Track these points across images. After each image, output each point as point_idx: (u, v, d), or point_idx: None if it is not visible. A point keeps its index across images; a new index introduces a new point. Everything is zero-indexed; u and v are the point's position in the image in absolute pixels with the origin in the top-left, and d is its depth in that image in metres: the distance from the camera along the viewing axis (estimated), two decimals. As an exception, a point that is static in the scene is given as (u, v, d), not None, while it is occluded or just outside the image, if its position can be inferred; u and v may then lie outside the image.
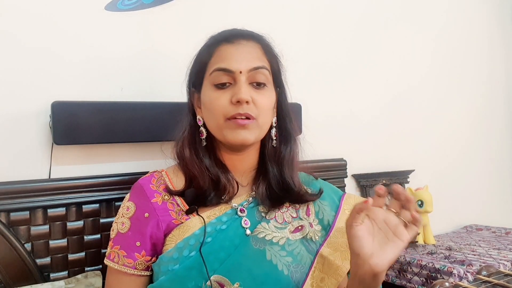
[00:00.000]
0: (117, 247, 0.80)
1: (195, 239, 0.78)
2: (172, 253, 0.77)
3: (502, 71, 2.24)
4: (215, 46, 0.83)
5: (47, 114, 1.00)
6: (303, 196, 0.87)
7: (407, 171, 1.69)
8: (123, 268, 0.79)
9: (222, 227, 0.80)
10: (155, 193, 0.82)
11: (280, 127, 0.88)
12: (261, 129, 0.82)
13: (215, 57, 0.82)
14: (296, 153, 0.88)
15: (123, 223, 0.81)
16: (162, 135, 1.10)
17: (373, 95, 1.70)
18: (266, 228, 0.82)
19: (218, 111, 0.79)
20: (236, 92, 0.78)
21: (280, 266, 0.78)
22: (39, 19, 1.02)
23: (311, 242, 0.85)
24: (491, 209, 2.09)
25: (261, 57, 0.83)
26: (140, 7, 1.16)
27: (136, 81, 1.15)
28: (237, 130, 0.78)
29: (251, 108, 0.79)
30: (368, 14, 1.70)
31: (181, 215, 0.81)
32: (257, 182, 0.86)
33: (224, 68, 0.79)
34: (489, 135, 2.15)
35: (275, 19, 1.43)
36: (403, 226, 0.69)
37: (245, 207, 0.84)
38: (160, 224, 0.79)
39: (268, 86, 0.83)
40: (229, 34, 0.84)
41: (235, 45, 0.81)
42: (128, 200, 0.83)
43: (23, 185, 0.94)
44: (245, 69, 0.79)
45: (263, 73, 0.81)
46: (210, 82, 0.81)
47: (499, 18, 2.23)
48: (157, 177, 0.85)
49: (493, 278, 0.65)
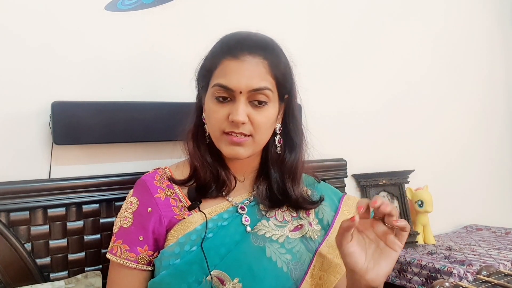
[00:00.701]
0: (120, 241, 0.81)
1: (196, 234, 0.78)
2: (173, 247, 0.78)
3: (502, 71, 2.24)
4: (221, 57, 0.80)
5: (47, 114, 1.00)
6: (301, 204, 0.87)
7: (407, 171, 1.69)
8: (125, 262, 0.79)
9: (223, 224, 0.81)
10: (158, 188, 0.83)
11: (287, 135, 0.87)
12: (257, 145, 0.82)
13: (219, 69, 0.79)
14: (300, 161, 0.87)
15: (126, 218, 0.82)
16: (162, 135, 1.10)
17: (373, 95, 1.70)
18: (266, 226, 0.83)
19: (216, 124, 0.80)
20: (233, 112, 0.77)
21: (279, 263, 0.80)
22: (40, 19, 1.02)
23: (310, 240, 0.86)
24: (491, 209, 2.09)
25: (265, 76, 0.79)
26: (140, 7, 1.16)
27: (136, 81, 1.15)
28: (231, 146, 0.79)
29: (247, 127, 0.78)
30: (368, 14, 1.69)
31: (183, 211, 0.82)
32: (258, 182, 0.87)
33: (224, 85, 0.78)
34: (489, 135, 2.15)
35: (275, 18, 1.43)
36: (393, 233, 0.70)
37: (246, 205, 0.85)
38: (163, 219, 0.81)
39: (269, 104, 0.80)
40: (235, 45, 0.79)
41: (239, 62, 0.78)
42: (132, 196, 0.84)
43: (23, 185, 0.94)
44: (245, 90, 0.77)
45: (265, 94, 0.79)
46: (212, 93, 0.80)
47: (499, 17, 2.23)
48: (160, 174, 0.86)
49: (493, 278, 0.65)
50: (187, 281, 0.75)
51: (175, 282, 0.76)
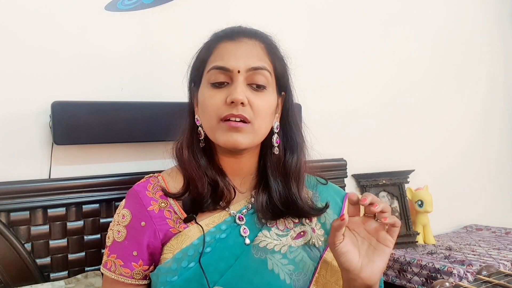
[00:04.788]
0: (114, 256, 0.77)
1: (193, 249, 0.75)
2: (170, 264, 0.74)
3: (502, 71, 2.24)
4: (216, 42, 0.79)
5: (47, 114, 1.00)
6: (307, 213, 0.81)
7: (407, 171, 1.69)
8: (120, 278, 0.76)
9: (221, 236, 0.77)
10: (151, 200, 0.79)
11: (285, 135, 0.83)
12: (256, 134, 0.77)
13: (215, 54, 0.78)
14: (303, 163, 0.83)
15: (119, 232, 0.78)
16: (162, 135, 1.10)
17: (373, 95, 1.70)
18: (267, 237, 0.78)
19: (212, 111, 0.75)
20: (232, 92, 0.74)
21: (282, 276, 0.76)
22: (40, 18, 1.02)
23: (313, 248, 0.81)
24: (491, 209, 2.09)
25: (263, 57, 0.78)
26: (140, 7, 1.16)
27: (136, 81, 1.15)
28: (229, 132, 0.74)
29: (247, 110, 0.74)
30: (367, 14, 1.69)
31: (178, 224, 0.77)
32: (257, 192, 0.82)
33: (221, 66, 0.75)
34: (489, 135, 2.15)
35: (275, 19, 1.43)
36: (384, 229, 0.69)
37: (244, 214, 0.80)
38: (157, 233, 0.77)
39: (268, 89, 0.78)
40: (231, 31, 0.80)
41: (236, 43, 0.77)
42: (124, 208, 0.80)
43: (23, 185, 0.94)
44: (243, 68, 0.75)
45: (263, 74, 0.76)
46: (207, 80, 0.77)
47: (499, 16, 2.23)
48: (153, 183, 0.81)
49: (493, 278, 0.65)
50: None
51: None
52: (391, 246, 0.69)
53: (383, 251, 0.69)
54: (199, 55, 0.83)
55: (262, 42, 0.80)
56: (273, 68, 0.80)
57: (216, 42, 0.80)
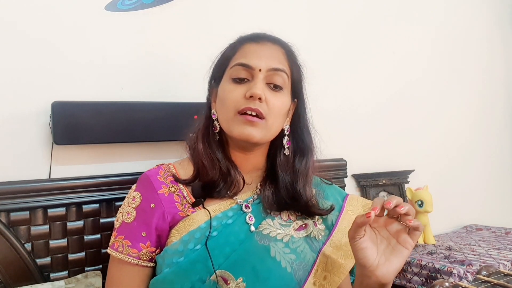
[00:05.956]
0: (122, 237, 0.80)
1: (200, 232, 0.78)
2: (177, 245, 0.77)
3: (502, 70, 2.24)
4: (241, 43, 0.86)
5: (47, 114, 1.00)
6: (311, 208, 0.85)
7: (407, 171, 1.69)
8: (127, 258, 0.78)
9: (228, 222, 0.80)
10: (162, 184, 0.82)
11: (296, 139, 0.88)
12: (269, 130, 0.82)
13: (239, 53, 0.84)
14: (311, 166, 0.88)
15: (129, 213, 0.81)
16: (162, 135, 1.10)
17: (373, 95, 1.70)
18: (270, 225, 0.82)
19: (230, 104, 0.80)
20: (252, 87, 0.79)
21: (283, 263, 0.78)
22: (39, 18, 1.03)
23: (314, 240, 0.85)
24: (491, 209, 2.09)
25: (283, 61, 0.84)
26: (140, 7, 1.16)
27: (136, 81, 1.15)
28: (244, 125, 0.79)
29: (263, 106, 0.79)
30: (367, 12, 1.70)
31: (187, 208, 0.81)
32: (264, 185, 0.86)
33: (244, 63, 0.81)
34: (489, 134, 2.15)
35: (275, 16, 1.43)
36: (405, 232, 0.70)
37: (250, 204, 0.84)
38: (166, 216, 0.80)
39: (284, 91, 0.83)
40: (256, 35, 0.87)
41: (260, 45, 0.84)
42: (134, 190, 0.83)
43: (23, 185, 0.94)
44: (264, 68, 0.81)
45: (282, 76, 0.82)
46: (229, 75, 0.83)
47: (498, 15, 2.23)
48: (164, 169, 0.85)
49: (493, 278, 0.65)
50: (190, 280, 0.74)
51: (178, 281, 0.75)
52: (410, 248, 0.70)
53: (401, 252, 0.70)
54: (223, 54, 0.88)
55: (284, 48, 0.87)
56: (290, 73, 0.86)
57: (241, 43, 0.86)
